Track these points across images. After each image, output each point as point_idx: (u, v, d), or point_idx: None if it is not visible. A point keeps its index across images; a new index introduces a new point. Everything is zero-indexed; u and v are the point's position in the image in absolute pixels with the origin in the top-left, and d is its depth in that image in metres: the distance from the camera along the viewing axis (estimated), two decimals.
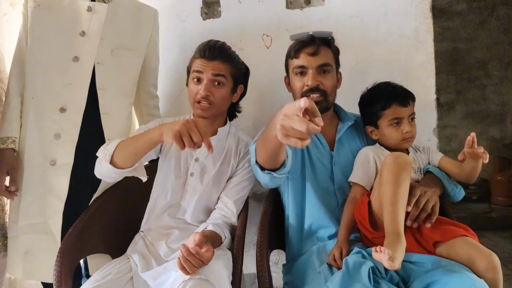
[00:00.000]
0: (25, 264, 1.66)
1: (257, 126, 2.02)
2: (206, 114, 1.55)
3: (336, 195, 1.55)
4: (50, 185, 1.66)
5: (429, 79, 1.89)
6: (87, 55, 1.65)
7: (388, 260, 1.06)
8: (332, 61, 1.57)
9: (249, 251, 2.03)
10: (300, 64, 1.54)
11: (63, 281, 1.37)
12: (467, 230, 1.31)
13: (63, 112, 1.64)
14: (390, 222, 1.20)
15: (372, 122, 1.55)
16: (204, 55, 1.54)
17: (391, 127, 1.49)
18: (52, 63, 1.65)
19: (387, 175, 1.26)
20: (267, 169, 1.34)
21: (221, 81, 1.54)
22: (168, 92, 2.13)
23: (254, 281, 2.07)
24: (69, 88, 1.65)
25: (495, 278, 1.16)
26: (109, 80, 1.71)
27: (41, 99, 1.64)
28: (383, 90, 1.53)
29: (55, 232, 1.66)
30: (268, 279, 1.37)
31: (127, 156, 1.36)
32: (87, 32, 1.65)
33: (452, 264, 1.19)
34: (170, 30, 2.12)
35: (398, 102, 1.48)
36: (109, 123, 1.73)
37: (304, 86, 1.53)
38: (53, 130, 1.65)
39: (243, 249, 1.48)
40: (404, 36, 1.91)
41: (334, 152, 1.58)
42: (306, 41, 1.53)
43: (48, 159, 1.65)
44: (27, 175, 1.66)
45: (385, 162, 1.30)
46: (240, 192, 1.59)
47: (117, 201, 1.67)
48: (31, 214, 1.66)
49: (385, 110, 1.49)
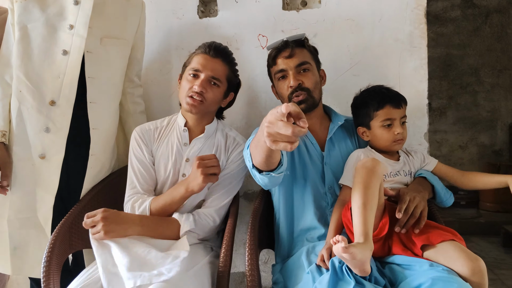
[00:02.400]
0: (14, 260, 1.65)
1: (250, 125, 2.02)
2: (195, 110, 1.55)
3: (326, 195, 1.56)
4: (40, 179, 1.65)
5: (421, 84, 1.90)
6: (76, 48, 1.64)
7: (342, 247, 1.07)
8: (310, 59, 1.60)
9: (239, 250, 2.04)
10: (279, 68, 1.58)
11: (51, 275, 1.37)
12: (455, 234, 1.32)
13: (53, 105, 1.62)
14: (357, 224, 1.22)
15: (365, 123, 1.56)
16: (208, 52, 1.56)
17: (383, 128, 1.51)
18: (40, 57, 1.63)
19: (356, 179, 1.28)
20: (265, 171, 1.35)
21: (217, 82, 1.56)
22: (162, 90, 2.13)
23: (243, 280, 2.07)
24: (58, 81, 1.63)
25: (480, 283, 1.17)
26: (98, 68, 1.70)
27: (29, 92, 1.62)
28: (377, 92, 1.55)
29: (45, 226, 1.65)
30: (257, 278, 1.38)
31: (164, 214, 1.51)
32: (75, 26, 1.64)
33: (438, 268, 1.20)
34: (166, 28, 2.11)
35: (391, 103, 1.50)
36: (95, 112, 1.70)
37: (288, 88, 1.56)
38: (42, 123, 1.63)
39: (232, 249, 1.49)
40: (399, 40, 1.92)
41: (325, 152, 1.60)
42: (280, 47, 1.59)
43: (37, 153, 1.63)
44: (16, 169, 1.65)
45: (356, 167, 1.33)
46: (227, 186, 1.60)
47: (109, 195, 1.68)
48: (20, 208, 1.64)
49: (378, 110, 1.51)
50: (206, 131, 1.62)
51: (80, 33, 1.63)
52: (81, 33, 1.63)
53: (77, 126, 1.66)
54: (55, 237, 1.45)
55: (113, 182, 1.75)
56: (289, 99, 1.57)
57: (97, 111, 1.70)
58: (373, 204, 1.24)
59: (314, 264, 1.34)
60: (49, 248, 1.42)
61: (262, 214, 1.61)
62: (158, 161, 1.61)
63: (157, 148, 1.62)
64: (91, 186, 1.71)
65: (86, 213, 1.39)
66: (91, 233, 1.38)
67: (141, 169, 1.58)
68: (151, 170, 1.59)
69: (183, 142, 1.61)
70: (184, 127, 1.62)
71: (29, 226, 1.65)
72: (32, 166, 1.64)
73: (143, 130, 1.64)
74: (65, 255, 1.54)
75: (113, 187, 1.70)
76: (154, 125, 1.67)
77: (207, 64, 1.54)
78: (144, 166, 1.58)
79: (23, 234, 1.65)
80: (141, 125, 1.68)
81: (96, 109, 1.70)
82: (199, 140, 1.62)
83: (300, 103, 1.55)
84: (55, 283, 1.38)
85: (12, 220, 1.64)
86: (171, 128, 1.66)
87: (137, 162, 1.58)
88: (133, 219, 1.44)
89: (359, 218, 1.21)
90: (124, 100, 1.89)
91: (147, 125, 1.67)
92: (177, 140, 1.62)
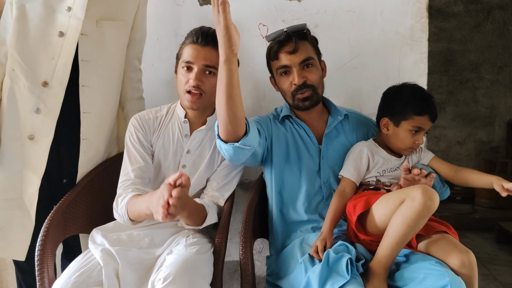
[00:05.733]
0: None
1: (249, 115, 1.99)
2: (196, 105, 1.53)
3: (322, 188, 1.56)
4: (28, 160, 1.62)
5: (421, 78, 1.90)
6: (72, 30, 1.60)
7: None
8: (313, 53, 1.56)
9: (234, 239, 2.04)
10: (282, 64, 1.53)
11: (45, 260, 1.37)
12: (449, 227, 1.34)
13: (45, 86, 1.60)
14: (386, 257, 1.22)
15: (395, 118, 1.49)
16: (197, 40, 1.51)
17: (409, 132, 1.46)
18: (36, 37, 1.61)
19: (411, 213, 1.18)
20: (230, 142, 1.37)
21: (212, 70, 1.52)
22: (161, 76, 2.11)
23: (237, 268, 2.08)
24: (52, 63, 1.60)
25: (470, 275, 1.19)
26: (93, 51, 1.66)
27: (22, 72, 1.60)
28: (424, 98, 1.47)
29: (30, 208, 1.62)
30: (251, 267, 1.39)
31: (140, 219, 1.45)
32: (72, 7, 1.61)
33: (431, 261, 1.21)
34: (166, 14, 2.10)
35: (431, 115, 1.46)
36: (87, 95, 1.67)
37: (292, 84, 1.52)
38: (33, 104, 1.60)
39: (226, 238, 1.50)
40: (399, 34, 1.91)
41: (322, 146, 1.59)
42: (282, 40, 1.52)
43: (26, 133, 1.61)
44: (4, 149, 1.62)
45: (413, 197, 1.19)
46: (227, 177, 1.59)
47: (106, 180, 1.67)
48: (6, 189, 1.62)
49: (417, 115, 1.44)
50: (208, 122, 1.61)
51: (78, 15, 1.60)
52: (79, 15, 1.60)
53: (69, 109, 1.64)
54: (49, 224, 1.44)
55: (111, 167, 1.73)
56: (292, 96, 1.54)
57: (89, 95, 1.67)
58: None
59: (307, 254, 1.35)
60: (43, 234, 1.41)
61: (258, 204, 1.61)
62: (158, 152, 1.59)
63: (157, 138, 1.60)
64: (87, 171, 1.69)
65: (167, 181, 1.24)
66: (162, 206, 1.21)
67: (137, 156, 1.55)
68: (148, 159, 1.57)
69: (183, 133, 1.60)
70: (185, 119, 1.60)
71: (14, 207, 1.63)
72: (20, 147, 1.62)
73: (142, 119, 1.62)
74: (59, 241, 1.53)
75: (110, 172, 1.69)
76: (153, 114, 1.65)
77: (198, 55, 1.50)
78: (141, 154, 1.56)
79: (8, 215, 1.63)
80: (140, 113, 1.66)
81: (89, 93, 1.67)
82: (200, 132, 1.60)
83: (305, 100, 1.53)
84: (49, 268, 1.39)
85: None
86: (171, 118, 1.64)
87: (134, 150, 1.56)
88: (191, 204, 1.39)
89: (391, 252, 1.22)
90: (123, 85, 1.85)
91: (146, 114, 1.65)
92: (178, 130, 1.60)
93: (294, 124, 1.62)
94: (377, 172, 1.49)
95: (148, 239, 1.46)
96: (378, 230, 1.30)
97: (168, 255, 1.36)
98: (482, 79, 4.88)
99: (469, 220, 4.05)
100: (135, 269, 1.34)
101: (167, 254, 1.38)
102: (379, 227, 1.29)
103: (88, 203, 1.66)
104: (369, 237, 1.34)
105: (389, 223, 1.23)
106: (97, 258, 1.35)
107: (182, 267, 1.25)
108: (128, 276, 1.31)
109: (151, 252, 1.43)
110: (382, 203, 1.30)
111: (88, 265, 1.33)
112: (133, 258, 1.37)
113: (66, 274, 1.29)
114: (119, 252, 1.36)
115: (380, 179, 1.48)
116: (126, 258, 1.35)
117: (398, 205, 1.23)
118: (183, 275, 1.22)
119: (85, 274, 1.29)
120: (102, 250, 1.36)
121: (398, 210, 1.22)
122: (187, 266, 1.26)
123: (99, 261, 1.33)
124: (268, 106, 1.94)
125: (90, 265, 1.33)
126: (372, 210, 1.31)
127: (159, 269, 1.31)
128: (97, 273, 1.30)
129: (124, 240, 1.45)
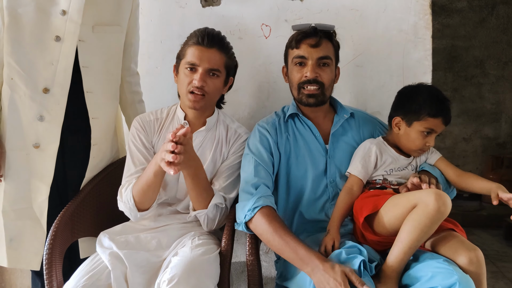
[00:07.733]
0: (10, 252, 1.61)
1: (253, 116, 2.02)
2: (198, 105, 1.53)
3: (327, 188, 1.55)
4: (35, 169, 1.61)
5: (425, 76, 1.89)
6: (70, 34, 1.58)
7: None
8: (332, 54, 1.56)
9: (240, 240, 2.04)
10: (300, 54, 1.52)
11: (53, 265, 1.38)
12: (456, 225, 1.33)
13: (47, 93, 1.57)
14: (398, 262, 1.21)
15: (408, 117, 1.47)
16: (202, 42, 1.51)
17: (420, 133, 1.44)
18: (31, 43, 1.57)
19: (424, 219, 1.18)
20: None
21: (216, 72, 1.52)
22: (165, 79, 2.12)
23: (244, 269, 2.08)
24: (51, 68, 1.58)
25: (478, 272, 1.18)
26: (92, 57, 1.65)
27: (22, 80, 1.57)
28: (440, 99, 1.46)
29: (40, 217, 1.62)
30: (257, 268, 1.39)
31: (146, 197, 1.46)
32: (68, 11, 1.57)
33: (439, 259, 1.20)
34: (168, 16, 2.10)
35: (445, 118, 1.45)
36: (93, 101, 1.66)
37: (303, 77, 1.52)
38: (36, 112, 1.58)
39: (233, 239, 1.50)
40: (403, 31, 1.91)
41: (329, 145, 1.58)
42: (308, 32, 1.52)
43: (31, 142, 1.59)
44: (9, 159, 1.61)
45: (427, 202, 1.18)
46: (231, 177, 1.59)
47: (110, 185, 1.67)
48: (15, 199, 1.61)
49: (431, 117, 1.43)
50: (208, 123, 1.61)
51: (74, 19, 1.57)
52: (75, 19, 1.57)
53: (72, 115, 1.63)
54: (56, 228, 1.45)
55: (114, 172, 1.74)
56: (299, 88, 1.54)
57: (94, 100, 1.67)
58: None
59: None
60: (51, 238, 1.42)
61: None
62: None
63: (158, 139, 1.61)
64: (93, 175, 1.70)
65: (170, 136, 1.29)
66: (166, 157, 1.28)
67: (140, 157, 1.56)
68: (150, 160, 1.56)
69: None
70: (185, 120, 1.61)
71: (25, 217, 1.62)
72: (26, 156, 1.60)
73: (144, 121, 1.62)
74: (67, 245, 1.54)
75: (114, 177, 1.69)
76: (154, 115, 1.65)
77: (203, 56, 1.50)
78: (143, 155, 1.57)
79: (19, 225, 1.62)
80: (141, 114, 1.67)
81: (94, 98, 1.67)
82: (200, 133, 1.60)
83: (310, 97, 1.52)
84: (57, 273, 1.39)
85: (7, 211, 1.60)
86: (171, 119, 1.65)
87: (136, 151, 1.57)
88: (196, 159, 1.43)
89: (403, 257, 1.21)
90: (122, 90, 1.85)
91: (147, 116, 1.65)
92: None
93: (300, 123, 1.62)
94: (385, 171, 1.48)
95: (155, 242, 1.46)
96: (386, 231, 1.30)
97: (173, 256, 1.37)
98: (487, 75, 4.84)
99: (477, 217, 4.02)
100: (143, 271, 1.35)
101: (172, 256, 1.38)
102: (387, 229, 1.29)
103: (94, 207, 1.67)
104: (377, 237, 1.33)
105: (401, 227, 1.22)
106: (105, 262, 1.35)
107: (187, 269, 1.25)
108: (137, 278, 1.32)
109: (159, 254, 1.43)
110: (391, 206, 1.29)
111: (97, 268, 1.34)
112: (141, 261, 1.37)
113: (75, 278, 1.30)
114: (127, 255, 1.36)
115: (387, 178, 1.47)
116: (134, 261, 1.36)
117: (409, 208, 1.22)
118: (188, 276, 1.23)
119: (94, 277, 1.30)
120: (110, 254, 1.37)
121: (410, 215, 1.21)
122: (192, 268, 1.27)
123: (107, 265, 1.34)
124: (272, 106, 1.94)
125: (99, 268, 1.34)
126: (381, 212, 1.30)
127: (164, 270, 1.31)
128: (106, 276, 1.31)
129: (132, 243, 1.45)
